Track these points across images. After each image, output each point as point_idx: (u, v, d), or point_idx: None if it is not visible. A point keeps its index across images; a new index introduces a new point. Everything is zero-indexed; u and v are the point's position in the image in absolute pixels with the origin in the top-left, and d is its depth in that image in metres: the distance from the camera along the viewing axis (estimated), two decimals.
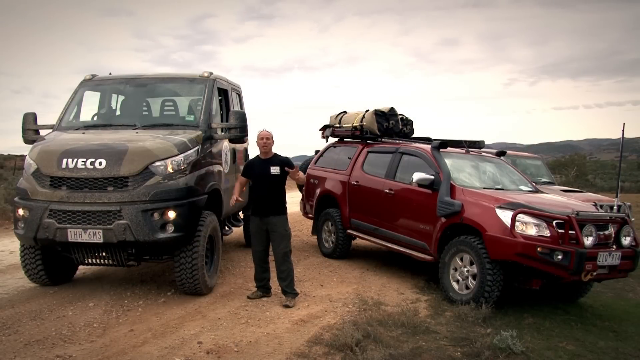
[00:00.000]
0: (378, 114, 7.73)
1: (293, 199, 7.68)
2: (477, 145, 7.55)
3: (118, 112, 6.54)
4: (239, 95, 7.91)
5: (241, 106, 7.87)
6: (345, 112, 8.43)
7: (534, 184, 7.07)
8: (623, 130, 6.03)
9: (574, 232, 5.15)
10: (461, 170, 6.51)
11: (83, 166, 5.02)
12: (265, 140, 5.49)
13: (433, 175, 6.20)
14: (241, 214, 8.28)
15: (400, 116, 8.03)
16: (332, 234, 8.01)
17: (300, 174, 5.87)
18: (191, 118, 6.37)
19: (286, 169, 5.50)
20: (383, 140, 7.72)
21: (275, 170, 5.47)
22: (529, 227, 5.23)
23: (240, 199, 5.70)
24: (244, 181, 5.74)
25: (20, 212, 5.19)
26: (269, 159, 5.55)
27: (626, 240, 5.50)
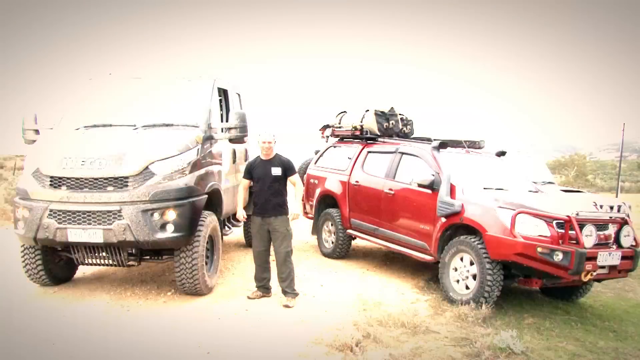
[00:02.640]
0: (378, 114, 7.74)
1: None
2: (477, 145, 7.55)
3: (118, 112, 6.52)
4: (239, 95, 7.91)
5: (241, 106, 7.87)
6: (345, 112, 8.44)
7: (534, 184, 7.07)
8: (623, 130, 6.05)
9: (574, 232, 5.16)
10: (461, 170, 6.50)
11: (83, 166, 5.03)
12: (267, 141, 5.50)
13: (433, 175, 6.20)
14: None
15: (400, 116, 8.04)
16: (332, 234, 8.02)
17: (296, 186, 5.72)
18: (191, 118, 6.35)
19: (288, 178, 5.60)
20: (383, 140, 7.72)
21: (276, 171, 5.47)
22: (529, 227, 5.23)
23: (245, 216, 5.69)
24: (247, 184, 5.71)
25: (20, 212, 5.19)
26: (270, 159, 5.55)
27: (626, 240, 5.50)
